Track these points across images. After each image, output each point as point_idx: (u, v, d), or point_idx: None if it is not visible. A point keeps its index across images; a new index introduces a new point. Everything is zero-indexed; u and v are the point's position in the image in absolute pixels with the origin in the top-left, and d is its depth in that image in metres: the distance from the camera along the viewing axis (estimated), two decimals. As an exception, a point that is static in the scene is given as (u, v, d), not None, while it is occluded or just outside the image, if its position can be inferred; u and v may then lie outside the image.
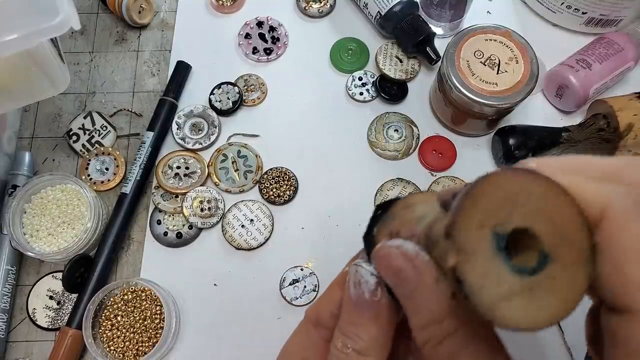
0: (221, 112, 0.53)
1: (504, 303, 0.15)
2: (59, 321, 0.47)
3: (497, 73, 0.45)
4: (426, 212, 0.21)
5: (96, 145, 0.52)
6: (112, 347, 0.44)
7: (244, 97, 0.54)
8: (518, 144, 0.49)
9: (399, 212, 0.23)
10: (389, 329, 0.22)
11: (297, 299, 0.47)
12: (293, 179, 0.51)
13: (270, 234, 0.49)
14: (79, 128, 0.52)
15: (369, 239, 0.24)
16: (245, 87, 0.54)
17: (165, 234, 0.49)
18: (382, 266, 0.21)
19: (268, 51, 0.56)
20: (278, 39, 0.56)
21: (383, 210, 0.24)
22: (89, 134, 0.52)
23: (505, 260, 0.16)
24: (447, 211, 0.19)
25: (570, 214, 0.16)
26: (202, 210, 0.49)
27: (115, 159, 0.52)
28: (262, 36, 0.56)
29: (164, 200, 0.50)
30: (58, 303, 0.47)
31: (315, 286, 0.47)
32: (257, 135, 0.53)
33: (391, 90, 0.54)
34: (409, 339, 0.26)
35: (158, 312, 0.45)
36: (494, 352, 0.18)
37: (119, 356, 0.44)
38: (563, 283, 0.16)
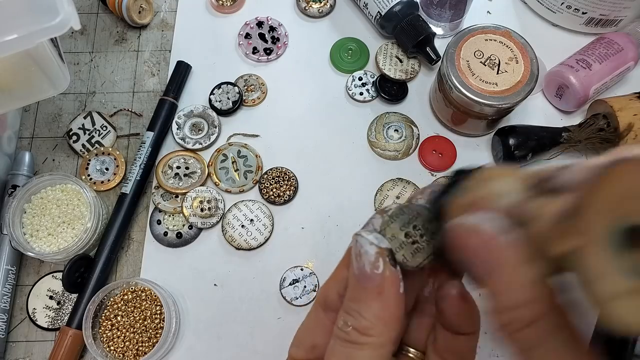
0: (221, 112, 0.53)
1: (618, 301, 0.14)
2: (59, 321, 0.47)
3: (497, 73, 0.45)
4: (508, 189, 0.20)
5: (96, 145, 0.52)
6: (112, 347, 0.44)
7: (244, 97, 0.54)
8: (518, 144, 0.49)
9: (477, 185, 0.21)
10: (395, 306, 0.20)
11: (297, 299, 0.47)
12: (293, 179, 0.51)
13: (270, 234, 0.49)
14: (79, 128, 0.52)
15: (439, 205, 0.22)
16: (245, 87, 0.54)
17: (165, 234, 0.49)
18: (458, 244, 0.19)
19: (268, 51, 0.56)
20: (278, 39, 0.56)
21: (460, 178, 0.22)
22: (89, 134, 0.52)
23: (626, 255, 0.15)
24: (538, 191, 0.18)
25: None
26: (202, 210, 0.49)
27: (115, 159, 0.52)
28: (262, 36, 0.56)
29: (164, 200, 0.50)
30: (58, 303, 0.47)
31: (315, 286, 0.47)
32: (257, 135, 0.53)
33: (391, 90, 0.54)
34: (430, 317, 0.24)
35: (158, 312, 0.45)
36: (578, 343, 0.17)
37: (119, 356, 0.44)
38: None
